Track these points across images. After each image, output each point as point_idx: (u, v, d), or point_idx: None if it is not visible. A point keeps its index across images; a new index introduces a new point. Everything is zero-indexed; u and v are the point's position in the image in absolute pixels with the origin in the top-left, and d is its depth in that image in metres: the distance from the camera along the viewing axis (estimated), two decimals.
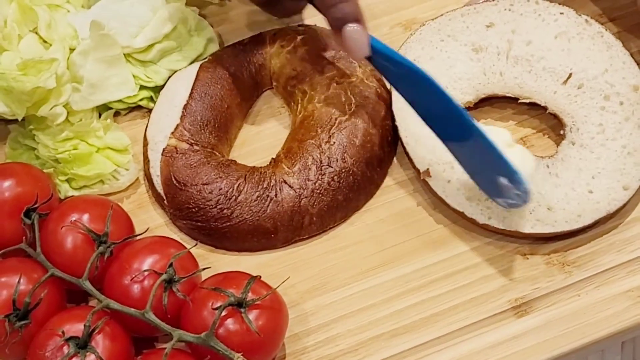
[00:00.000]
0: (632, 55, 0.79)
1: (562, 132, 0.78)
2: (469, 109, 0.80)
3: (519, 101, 0.79)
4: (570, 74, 0.78)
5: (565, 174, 0.75)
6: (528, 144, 0.80)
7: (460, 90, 0.79)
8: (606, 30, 0.80)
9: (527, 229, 0.73)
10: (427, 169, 0.76)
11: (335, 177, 0.77)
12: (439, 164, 0.76)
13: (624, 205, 0.74)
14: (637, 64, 0.79)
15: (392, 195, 0.79)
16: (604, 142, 0.76)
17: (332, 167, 0.77)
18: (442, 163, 0.76)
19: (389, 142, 0.80)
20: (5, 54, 0.79)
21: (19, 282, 0.68)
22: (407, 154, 0.77)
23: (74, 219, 0.71)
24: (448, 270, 0.74)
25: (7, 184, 0.73)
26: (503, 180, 0.71)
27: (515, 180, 0.70)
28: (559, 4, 0.82)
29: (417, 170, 0.77)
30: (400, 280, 0.74)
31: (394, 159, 0.80)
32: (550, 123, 0.80)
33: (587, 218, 0.73)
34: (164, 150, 0.78)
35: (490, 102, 0.81)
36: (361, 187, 0.78)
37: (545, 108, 0.78)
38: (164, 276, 0.68)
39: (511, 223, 0.73)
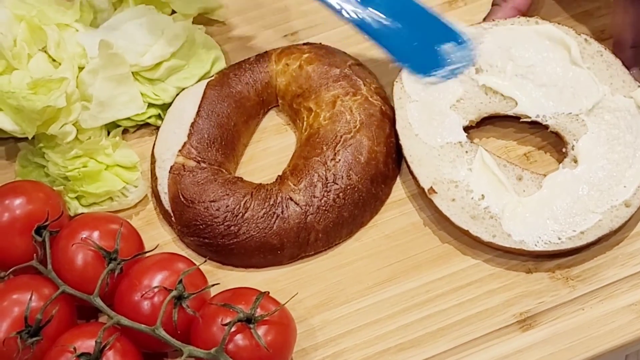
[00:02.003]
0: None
1: (563, 149, 0.78)
2: (470, 127, 0.80)
3: (521, 120, 0.80)
4: None
5: (567, 191, 0.75)
6: (531, 160, 0.81)
7: (463, 109, 0.80)
8: (605, 49, 0.80)
9: (530, 247, 0.74)
10: (431, 186, 0.77)
11: (341, 194, 0.77)
12: (443, 182, 0.76)
13: (627, 221, 0.75)
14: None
15: (397, 212, 0.79)
16: (605, 159, 0.76)
17: (337, 184, 0.77)
18: (446, 182, 0.76)
19: (394, 159, 0.80)
20: (15, 73, 0.80)
21: (30, 299, 0.69)
22: (411, 172, 0.78)
23: (84, 236, 0.72)
24: (453, 285, 0.75)
25: (17, 202, 0.74)
26: (446, 46, 0.77)
27: (459, 39, 0.77)
28: (559, 23, 0.82)
29: (422, 189, 0.77)
30: (406, 295, 0.75)
31: (398, 175, 0.81)
32: (552, 141, 0.81)
33: (590, 235, 0.74)
34: (171, 167, 0.79)
35: (492, 121, 0.81)
36: (366, 203, 0.78)
37: (546, 127, 0.79)
38: (173, 292, 0.69)
39: (515, 241, 0.74)
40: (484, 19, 0.85)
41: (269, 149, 0.84)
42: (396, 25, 0.79)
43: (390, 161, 0.80)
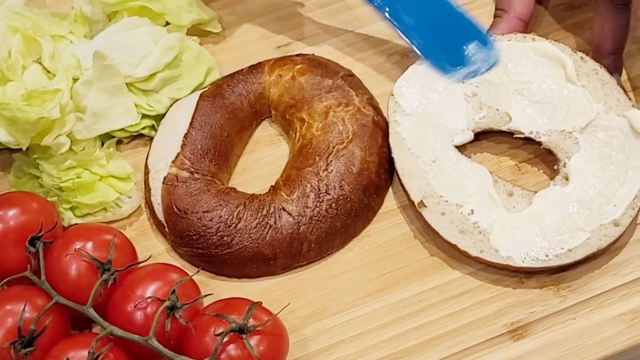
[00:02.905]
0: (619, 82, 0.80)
1: (555, 167, 0.78)
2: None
3: (514, 136, 0.80)
4: None
5: (557, 209, 0.75)
6: (522, 177, 0.81)
7: (457, 124, 0.80)
8: (601, 67, 0.80)
9: (518, 263, 0.74)
10: (422, 200, 0.77)
11: (333, 204, 0.78)
12: (433, 197, 0.77)
13: (615, 240, 0.75)
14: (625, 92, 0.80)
15: (389, 222, 0.80)
16: (597, 177, 0.76)
17: (330, 194, 0.78)
18: (436, 196, 0.77)
19: (386, 169, 0.81)
20: (9, 84, 0.80)
21: (24, 309, 0.69)
22: (402, 185, 0.78)
23: (77, 246, 0.72)
24: (445, 295, 0.75)
25: (11, 212, 0.74)
26: (471, 45, 0.78)
27: (483, 40, 0.78)
28: (550, 34, 0.83)
29: (412, 201, 0.77)
30: (398, 305, 0.75)
31: (391, 186, 0.81)
32: (544, 158, 0.81)
33: (578, 253, 0.74)
34: (165, 178, 0.80)
35: (486, 136, 0.81)
36: (358, 213, 0.79)
37: (539, 143, 0.79)
38: (166, 303, 0.69)
39: (503, 257, 0.74)
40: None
41: (262, 160, 0.84)
42: (423, 19, 0.79)
43: (383, 171, 0.80)
